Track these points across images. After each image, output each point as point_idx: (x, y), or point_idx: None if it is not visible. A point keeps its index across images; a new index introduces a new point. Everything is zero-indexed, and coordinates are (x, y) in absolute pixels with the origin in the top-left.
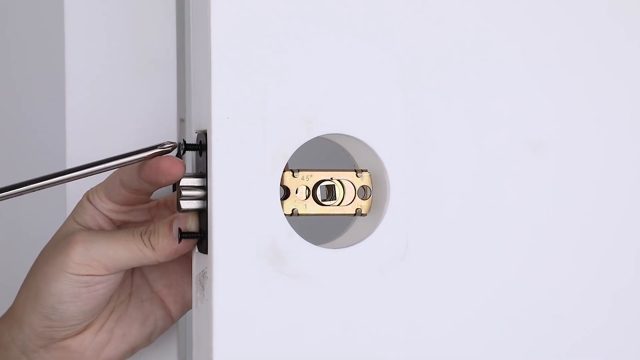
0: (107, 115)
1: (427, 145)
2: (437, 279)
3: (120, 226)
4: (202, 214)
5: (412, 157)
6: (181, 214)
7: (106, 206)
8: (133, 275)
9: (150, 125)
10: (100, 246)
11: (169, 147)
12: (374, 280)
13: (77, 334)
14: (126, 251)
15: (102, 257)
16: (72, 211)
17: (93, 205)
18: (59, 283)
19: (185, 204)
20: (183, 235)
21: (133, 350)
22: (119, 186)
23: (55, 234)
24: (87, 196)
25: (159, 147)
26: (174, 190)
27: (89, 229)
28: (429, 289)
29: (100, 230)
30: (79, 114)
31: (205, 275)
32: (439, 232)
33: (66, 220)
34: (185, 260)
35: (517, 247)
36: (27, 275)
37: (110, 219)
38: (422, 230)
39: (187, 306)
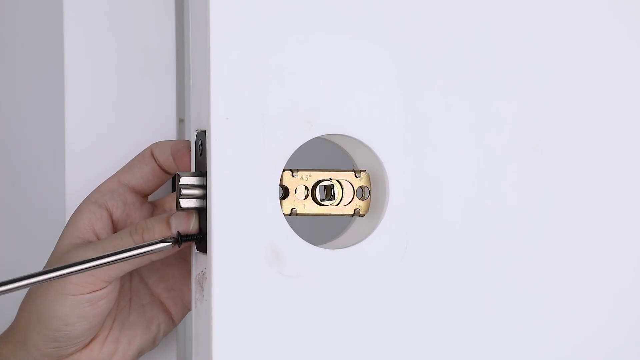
0: (106, 116)
1: (426, 146)
2: (436, 280)
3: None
4: (201, 213)
5: (411, 157)
6: (178, 212)
7: (120, 190)
8: (131, 279)
9: (149, 126)
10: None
11: (169, 243)
12: (373, 281)
13: (84, 348)
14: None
15: (97, 270)
16: (66, 226)
17: (103, 199)
18: (62, 306)
19: (184, 203)
20: (183, 238)
21: (139, 355)
22: (149, 157)
23: (51, 255)
24: (91, 197)
25: (159, 243)
26: (173, 191)
27: (79, 243)
28: (429, 289)
29: (95, 239)
30: (78, 114)
31: (205, 276)
32: (438, 233)
33: (59, 239)
34: (182, 263)
35: (518, 248)
36: (25, 297)
37: (112, 219)
38: (422, 230)
39: (187, 308)
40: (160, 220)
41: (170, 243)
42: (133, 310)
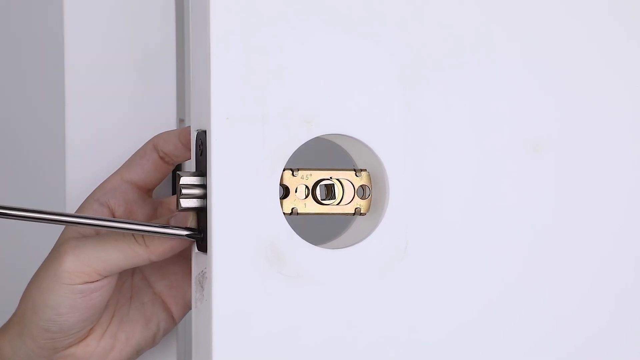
0: (107, 115)
1: (426, 145)
2: (437, 280)
3: None
4: (201, 213)
5: (411, 156)
6: (180, 213)
7: (122, 187)
8: (133, 277)
9: (149, 125)
10: (89, 250)
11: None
12: (373, 281)
13: (80, 341)
14: (115, 251)
15: (93, 261)
16: None
17: (105, 197)
18: (55, 295)
19: (185, 203)
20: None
21: (138, 353)
22: (151, 150)
23: (54, 246)
24: (94, 195)
25: (180, 229)
26: (173, 193)
27: (79, 237)
28: (429, 289)
29: (95, 235)
30: (79, 114)
31: (205, 276)
32: (438, 232)
33: (60, 235)
34: (185, 262)
35: (518, 248)
36: (26, 287)
37: (114, 216)
38: (422, 230)
39: (188, 307)
40: (161, 221)
41: (193, 240)
42: (133, 307)
